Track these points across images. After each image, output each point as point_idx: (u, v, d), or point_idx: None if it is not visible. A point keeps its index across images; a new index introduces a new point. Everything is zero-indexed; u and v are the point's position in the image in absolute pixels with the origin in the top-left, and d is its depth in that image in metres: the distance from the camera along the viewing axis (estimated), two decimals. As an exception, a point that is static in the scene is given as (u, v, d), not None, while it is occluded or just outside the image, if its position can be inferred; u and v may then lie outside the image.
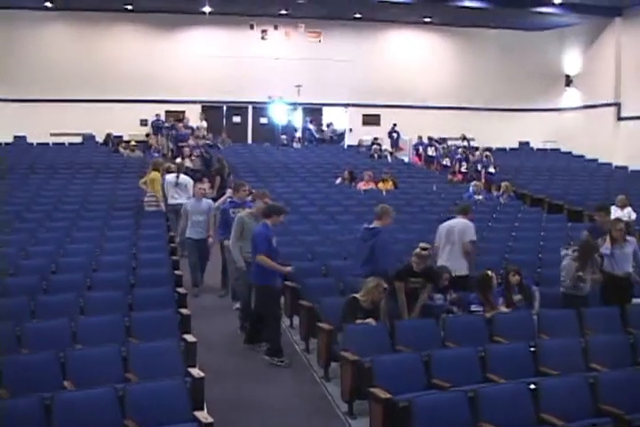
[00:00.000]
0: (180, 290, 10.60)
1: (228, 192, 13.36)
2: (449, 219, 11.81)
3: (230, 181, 18.09)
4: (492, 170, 23.43)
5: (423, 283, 9.82)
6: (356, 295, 9.15)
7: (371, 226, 10.44)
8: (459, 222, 11.29)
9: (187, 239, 13.27)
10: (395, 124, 30.72)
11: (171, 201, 15.53)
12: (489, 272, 9.83)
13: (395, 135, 30.42)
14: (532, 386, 7.11)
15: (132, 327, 8.63)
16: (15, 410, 6.21)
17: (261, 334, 10.15)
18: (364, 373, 7.71)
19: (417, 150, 29.24)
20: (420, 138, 29.15)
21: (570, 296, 10.06)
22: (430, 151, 28.01)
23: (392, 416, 6.93)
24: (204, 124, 29.40)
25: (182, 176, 15.95)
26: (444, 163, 26.40)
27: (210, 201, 13.61)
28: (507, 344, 8.52)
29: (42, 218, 15.02)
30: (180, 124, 27.25)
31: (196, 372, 7.43)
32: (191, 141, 23.63)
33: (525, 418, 6.84)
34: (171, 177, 15.76)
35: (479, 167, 23.68)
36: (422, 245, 10.06)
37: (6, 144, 27.02)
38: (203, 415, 6.67)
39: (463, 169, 24.48)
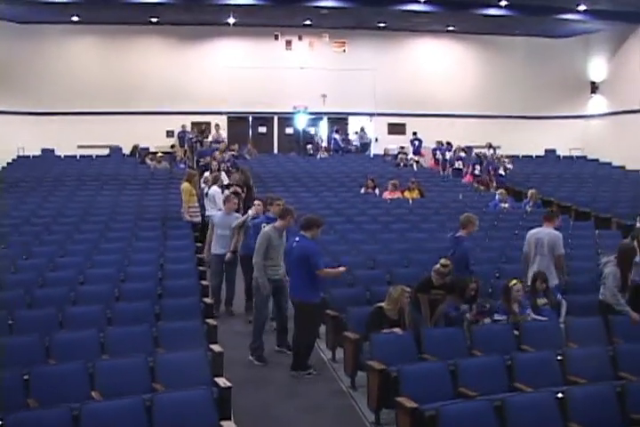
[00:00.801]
0: (207, 300, 10.65)
1: (254, 207, 12.65)
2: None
3: (254, 192, 18.04)
4: (502, 172, 24.54)
5: (444, 294, 9.86)
6: (382, 305, 9.16)
7: (456, 234, 10.74)
8: (547, 234, 10.96)
9: (212, 256, 12.79)
10: (415, 133, 30.73)
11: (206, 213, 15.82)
12: (513, 281, 9.75)
13: (416, 143, 30.38)
14: (560, 395, 7.05)
15: (160, 338, 8.67)
16: (43, 420, 6.26)
17: (308, 358, 9.99)
18: (390, 382, 7.70)
19: (434, 155, 29.40)
20: (439, 143, 29.39)
21: (609, 306, 9.92)
22: (448, 156, 28.26)
23: (419, 425, 6.91)
24: (223, 133, 29.57)
25: (213, 188, 16.04)
26: (457, 166, 26.73)
27: (238, 215, 13.20)
28: (534, 353, 8.45)
29: (70, 230, 15.12)
30: (207, 140, 27.39)
31: (222, 382, 7.44)
32: (217, 155, 23.54)
33: (553, 427, 6.81)
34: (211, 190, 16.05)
35: (490, 169, 24.69)
36: (442, 261, 10.08)
37: (34, 157, 27.26)
38: (229, 426, 6.68)
39: (477, 172, 25.15)
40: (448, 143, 29.13)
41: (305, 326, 9.79)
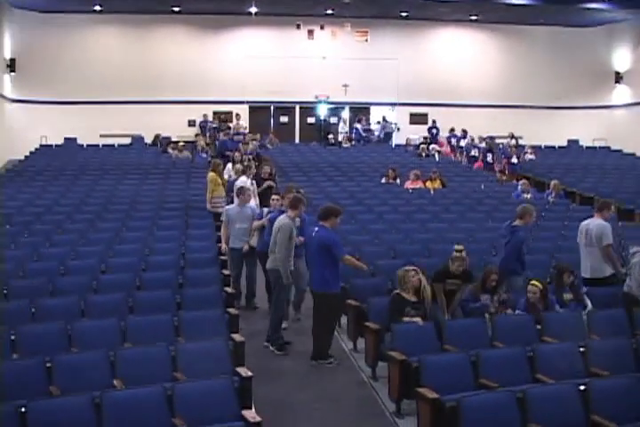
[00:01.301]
0: (228, 289, 10.66)
1: (272, 203, 12.31)
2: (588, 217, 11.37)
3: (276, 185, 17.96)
4: (514, 160, 25.10)
5: (460, 284, 9.85)
6: (397, 291, 9.21)
7: (512, 224, 10.78)
8: (595, 224, 10.81)
9: (231, 250, 12.32)
10: (434, 121, 30.73)
11: None
12: (534, 283, 9.65)
13: (434, 131, 30.42)
14: (582, 387, 7.01)
15: (181, 327, 8.70)
16: (65, 408, 6.31)
17: (329, 348, 9.97)
18: (411, 372, 7.69)
19: (449, 142, 29.71)
20: (452, 130, 29.78)
21: (634, 297, 9.81)
22: (463, 143, 28.80)
23: (440, 416, 6.89)
24: (243, 123, 29.56)
25: (241, 178, 15.94)
26: (473, 153, 27.14)
27: (253, 206, 13.10)
28: (556, 344, 8.41)
29: (92, 218, 15.19)
30: (229, 131, 27.25)
31: (244, 371, 7.45)
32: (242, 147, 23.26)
33: (575, 420, 6.76)
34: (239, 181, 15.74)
35: (502, 158, 25.50)
36: (457, 247, 10.12)
37: (57, 146, 27.39)
38: (251, 415, 6.68)
39: (489, 159, 25.68)
40: (464, 131, 29.37)
41: (326, 317, 9.80)
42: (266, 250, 10.61)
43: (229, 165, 18.76)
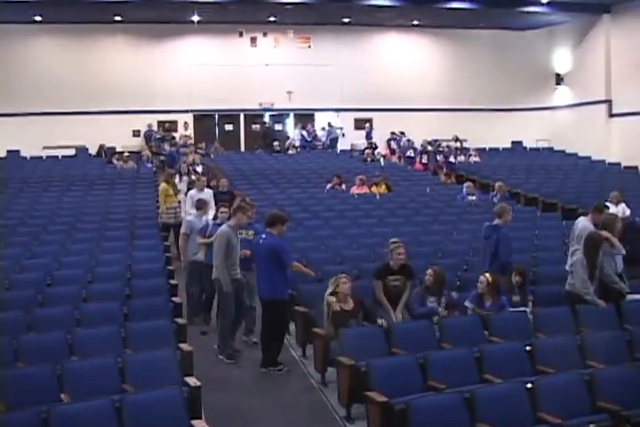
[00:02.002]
0: (176, 300, 10.62)
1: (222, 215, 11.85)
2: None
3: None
4: (452, 160, 26.26)
5: (403, 281, 9.89)
6: (337, 306, 9.28)
7: (493, 223, 11.06)
8: (580, 224, 10.82)
9: (190, 263, 12.13)
10: (368, 122, 31.44)
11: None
12: (485, 275, 9.78)
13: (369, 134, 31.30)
14: (529, 385, 7.11)
15: (128, 338, 8.63)
16: (13, 424, 6.21)
17: (278, 354, 9.99)
18: (360, 377, 7.72)
19: (389, 145, 30.20)
20: (393, 133, 30.34)
21: (577, 295, 9.94)
22: (401, 144, 29.76)
23: (389, 419, 6.93)
24: (189, 132, 29.50)
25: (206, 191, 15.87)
26: (409, 154, 28.19)
27: (209, 218, 12.90)
28: (502, 344, 8.51)
29: (37, 231, 15.01)
30: (175, 142, 27.15)
31: (192, 381, 7.43)
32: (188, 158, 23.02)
33: (523, 417, 6.85)
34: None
35: (440, 157, 26.50)
36: (392, 240, 10.27)
37: (0, 159, 27.03)
38: (200, 425, 6.67)
39: (424, 160, 27.00)
40: (402, 133, 30.06)
41: (275, 323, 9.80)
42: (212, 262, 10.62)
43: (193, 177, 18.59)
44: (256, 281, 10.34)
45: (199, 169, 20.96)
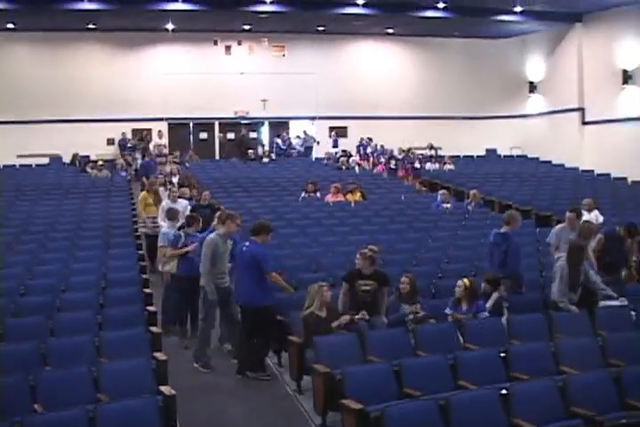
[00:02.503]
0: (150, 308, 10.57)
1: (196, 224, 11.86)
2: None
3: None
4: (417, 165, 27.08)
5: (375, 287, 9.84)
6: (310, 310, 9.23)
7: (501, 231, 11.03)
8: (560, 232, 11.62)
9: (171, 274, 11.92)
10: (335, 132, 31.70)
11: None
12: (463, 279, 9.82)
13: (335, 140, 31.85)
14: (504, 391, 7.13)
15: (102, 347, 8.57)
16: (-15, 436, 6.17)
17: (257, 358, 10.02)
18: (335, 385, 7.71)
19: (359, 151, 30.73)
20: (362, 139, 30.88)
21: (555, 303, 10.04)
22: (369, 150, 30.53)
23: (365, 427, 6.94)
24: (164, 140, 29.46)
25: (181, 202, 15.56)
26: (381, 160, 29.13)
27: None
28: (477, 351, 8.52)
29: (9, 241, 14.86)
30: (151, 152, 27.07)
31: (167, 390, 7.40)
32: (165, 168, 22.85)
33: (497, 424, 6.86)
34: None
35: (405, 163, 27.57)
36: (371, 247, 10.24)
37: (-27, 168, 26.89)
38: (175, 434, 6.65)
39: (392, 166, 27.94)
40: (369, 139, 30.70)
41: (255, 330, 9.81)
42: (190, 273, 10.83)
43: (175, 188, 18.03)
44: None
45: (175, 180, 20.81)
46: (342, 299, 9.88)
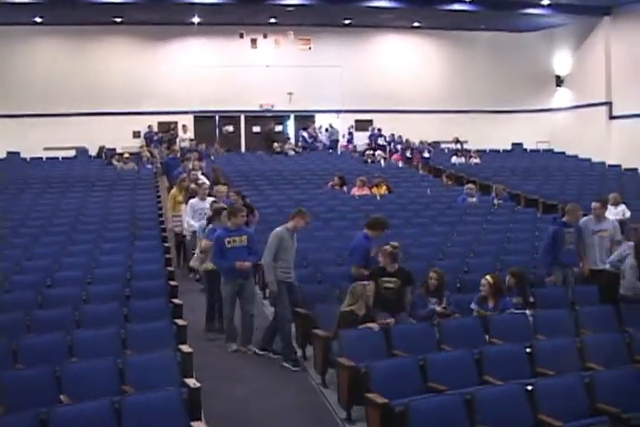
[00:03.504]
0: (176, 301, 10.60)
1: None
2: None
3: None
4: (426, 155, 28.59)
5: (399, 284, 9.78)
6: (351, 308, 9.10)
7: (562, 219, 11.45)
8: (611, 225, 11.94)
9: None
10: (374, 129, 31.56)
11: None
12: (486, 277, 9.77)
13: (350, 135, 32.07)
14: (529, 387, 7.10)
15: (128, 339, 8.62)
16: (11, 426, 6.18)
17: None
18: (360, 378, 7.70)
19: (371, 142, 31.01)
20: (373, 129, 31.25)
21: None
22: (380, 141, 30.89)
23: (389, 421, 6.92)
24: (188, 134, 29.45)
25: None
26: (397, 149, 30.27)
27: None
28: (502, 346, 8.49)
29: (36, 233, 14.99)
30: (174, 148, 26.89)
31: (192, 382, 7.41)
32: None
33: (522, 419, 6.84)
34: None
35: (414, 152, 29.05)
36: (392, 243, 10.12)
37: (0, 160, 27.03)
38: (200, 426, 6.66)
39: (408, 155, 29.31)
40: (379, 129, 31.12)
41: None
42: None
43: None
44: (253, 291, 10.88)
45: (199, 175, 20.27)
46: (366, 298, 9.77)
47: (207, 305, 11.61)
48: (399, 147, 30.27)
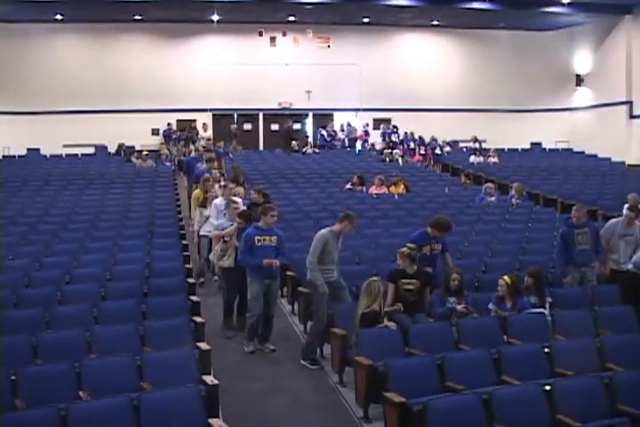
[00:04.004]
0: (194, 298, 10.62)
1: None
2: None
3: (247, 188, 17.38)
4: (438, 151, 29.19)
5: (418, 286, 9.67)
6: (373, 308, 9.05)
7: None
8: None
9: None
10: (386, 126, 31.50)
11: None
12: (504, 277, 9.74)
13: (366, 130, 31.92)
14: (547, 387, 7.08)
15: (147, 336, 8.66)
16: (31, 421, 6.24)
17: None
18: (378, 377, 7.71)
19: (384, 138, 31.00)
20: (385, 128, 31.20)
21: None
22: (394, 137, 31.02)
23: (407, 420, 6.93)
24: (208, 133, 29.40)
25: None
26: (412, 147, 30.39)
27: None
28: (521, 346, 8.48)
29: (56, 229, 15.06)
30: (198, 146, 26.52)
31: (210, 379, 7.44)
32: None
33: (541, 420, 6.82)
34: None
35: (427, 149, 29.59)
36: (409, 245, 10.09)
37: (20, 157, 27.16)
38: (217, 423, 6.67)
39: (422, 152, 29.71)
40: (394, 126, 31.01)
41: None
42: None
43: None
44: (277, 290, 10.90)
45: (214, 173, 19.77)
46: (389, 299, 9.73)
47: (224, 303, 11.57)
48: (412, 144, 30.41)
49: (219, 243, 11.93)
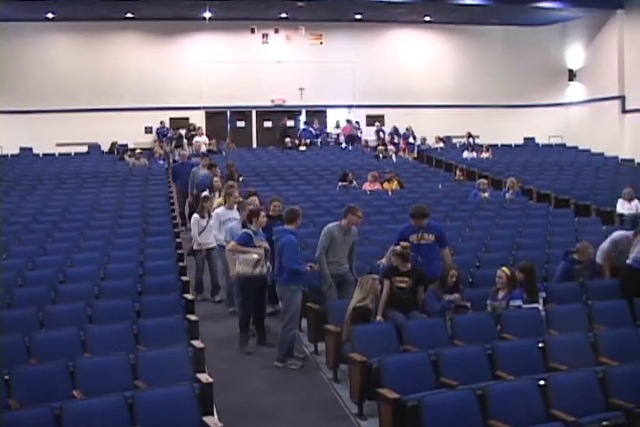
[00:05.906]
0: (188, 296, 10.61)
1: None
2: None
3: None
4: (411, 140, 30.32)
5: (410, 284, 9.62)
6: (365, 303, 9.09)
7: None
8: None
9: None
10: (380, 124, 31.58)
11: None
12: (503, 269, 9.74)
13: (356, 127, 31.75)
14: (542, 382, 7.10)
15: (141, 335, 8.66)
16: (25, 420, 6.25)
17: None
18: (372, 373, 7.72)
19: (377, 134, 31.25)
20: (379, 124, 31.58)
21: None
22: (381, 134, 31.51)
23: (401, 416, 6.93)
24: (203, 138, 28.72)
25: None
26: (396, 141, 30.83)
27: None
28: (515, 341, 8.49)
29: (49, 228, 15.04)
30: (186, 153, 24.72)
31: (204, 377, 7.44)
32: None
33: (535, 415, 6.83)
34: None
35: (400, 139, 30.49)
36: (402, 243, 10.03)
37: (12, 156, 27.08)
38: (212, 421, 6.67)
39: (395, 141, 30.32)
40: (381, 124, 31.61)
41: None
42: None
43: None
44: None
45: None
46: (383, 296, 9.70)
47: (240, 316, 10.77)
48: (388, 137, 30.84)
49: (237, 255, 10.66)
